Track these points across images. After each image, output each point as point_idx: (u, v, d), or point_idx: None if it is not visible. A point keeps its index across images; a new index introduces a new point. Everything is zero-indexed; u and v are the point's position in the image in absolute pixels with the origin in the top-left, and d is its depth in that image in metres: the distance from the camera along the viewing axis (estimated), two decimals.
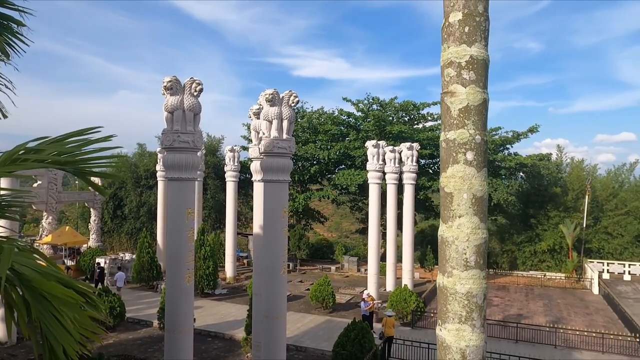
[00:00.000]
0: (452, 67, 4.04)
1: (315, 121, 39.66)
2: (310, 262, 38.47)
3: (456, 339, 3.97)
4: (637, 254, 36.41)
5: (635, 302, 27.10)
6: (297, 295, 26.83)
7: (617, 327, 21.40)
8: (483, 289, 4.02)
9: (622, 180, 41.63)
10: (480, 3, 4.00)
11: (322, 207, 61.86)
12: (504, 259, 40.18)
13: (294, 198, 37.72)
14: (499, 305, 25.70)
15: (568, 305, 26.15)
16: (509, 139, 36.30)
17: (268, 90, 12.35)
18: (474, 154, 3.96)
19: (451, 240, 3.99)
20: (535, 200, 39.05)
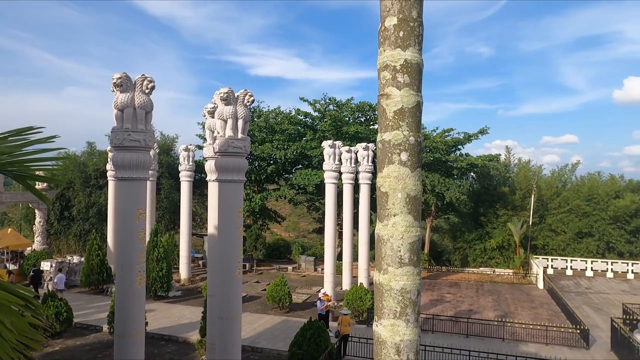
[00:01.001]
0: (387, 70, 4.17)
1: (272, 121, 39.50)
2: (267, 262, 38.27)
3: (391, 334, 4.09)
4: (578, 250, 38.46)
5: (576, 295, 28.60)
6: (254, 295, 26.63)
7: (560, 320, 22.50)
8: (417, 285, 4.17)
9: (564, 180, 43.86)
10: (414, 9, 4.13)
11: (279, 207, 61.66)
12: (456, 257, 41.48)
13: (250, 198, 37.42)
14: (451, 302, 26.45)
15: (515, 300, 27.26)
16: (461, 140, 37.43)
17: (223, 89, 12.20)
18: (408, 155, 4.10)
19: (386, 238, 4.12)
20: (486, 200, 40.53)
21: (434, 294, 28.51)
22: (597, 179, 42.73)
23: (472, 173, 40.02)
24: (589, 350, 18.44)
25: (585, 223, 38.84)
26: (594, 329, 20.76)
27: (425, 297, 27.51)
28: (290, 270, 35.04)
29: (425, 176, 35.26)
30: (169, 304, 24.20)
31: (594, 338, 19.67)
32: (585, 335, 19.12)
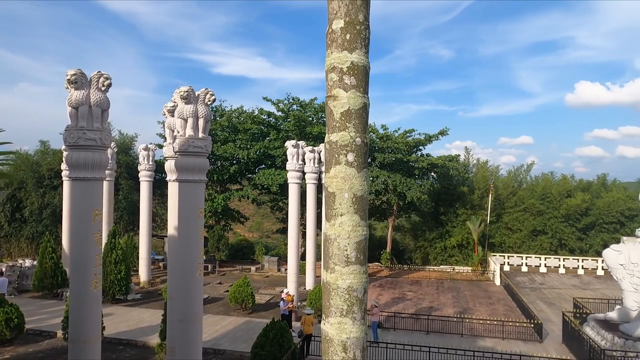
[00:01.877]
0: (335, 72, 4.23)
1: (234, 120, 39.09)
2: (230, 263, 37.85)
3: (338, 332, 4.17)
4: (532, 247, 39.95)
5: (531, 291, 29.69)
6: (216, 297, 26.29)
7: (516, 315, 23.31)
8: (363, 283, 4.26)
9: (520, 180, 45.49)
10: (361, 12, 4.21)
11: (242, 207, 61.03)
12: (418, 255, 42.28)
13: (212, 198, 36.91)
14: (412, 299, 26.93)
15: (474, 297, 28.04)
16: (422, 141, 38.15)
17: (183, 87, 11.99)
18: (355, 156, 4.18)
19: (333, 238, 4.18)
20: (446, 199, 41.52)
21: (395, 292, 28.95)
22: (550, 179, 44.53)
23: (433, 173, 40.89)
24: (542, 344, 19.18)
25: (539, 221, 40.38)
26: (547, 323, 21.59)
27: (388, 295, 27.90)
28: (254, 271, 34.80)
29: (388, 176, 35.76)
30: (127, 308, 23.56)
31: (547, 331, 20.46)
32: (538, 329, 19.87)
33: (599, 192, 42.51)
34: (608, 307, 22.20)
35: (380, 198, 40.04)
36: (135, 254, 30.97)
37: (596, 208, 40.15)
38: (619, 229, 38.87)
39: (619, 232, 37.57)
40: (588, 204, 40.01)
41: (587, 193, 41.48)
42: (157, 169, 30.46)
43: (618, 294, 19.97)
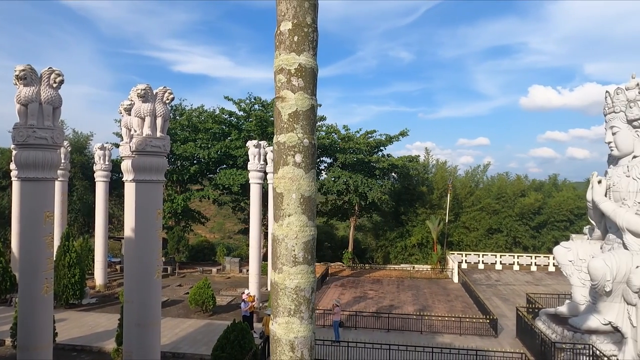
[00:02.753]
0: (282, 74, 4.28)
1: (195, 119, 38.44)
2: (191, 265, 37.20)
3: (286, 332, 4.21)
4: (489, 245, 41.25)
5: (487, 287, 30.63)
6: (176, 299, 25.78)
7: (473, 311, 23.99)
8: (311, 283, 4.32)
9: (477, 180, 46.89)
10: (308, 15, 4.26)
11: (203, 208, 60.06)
12: (379, 254, 42.84)
13: (172, 199, 36.18)
14: (373, 298, 27.27)
15: (433, 294, 28.67)
16: (383, 142, 38.66)
17: (140, 85, 11.70)
18: (302, 157, 4.23)
19: (281, 238, 4.22)
20: (406, 199, 42.27)
21: (357, 291, 29.24)
22: (505, 179, 46.13)
23: (394, 173, 41.52)
24: (497, 338, 19.83)
25: (495, 220, 41.74)
26: (502, 318, 22.33)
27: (349, 294, 28.14)
28: (215, 272, 34.33)
29: (349, 176, 36.07)
30: (82, 312, 22.77)
31: (502, 326, 21.16)
32: (494, 325, 20.54)
33: (550, 192, 44.37)
34: (558, 302, 23.16)
35: (342, 198, 40.32)
36: (90, 256, 29.97)
37: (548, 207, 41.85)
38: (569, 227, 40.68)
39: (569, 230, 39.33)
40: (540, 203, 41.67)
41: (539, 193, 43.22)
42: (113, 168, 29.53)
43: (568, 289, 20.86)
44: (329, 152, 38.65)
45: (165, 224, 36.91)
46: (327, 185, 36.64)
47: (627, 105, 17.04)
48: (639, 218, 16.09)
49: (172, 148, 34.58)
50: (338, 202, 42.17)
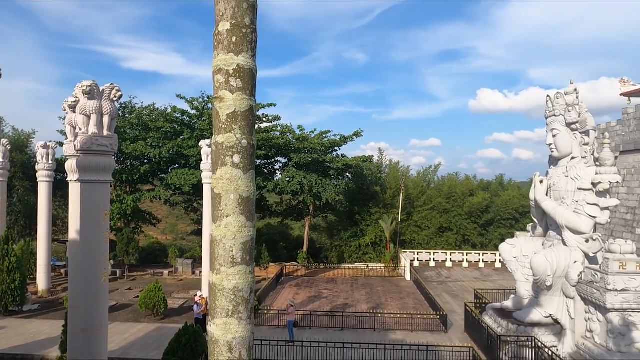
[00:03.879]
0: (221, 74, 4.28)
1: (146, 118, 37.35)
2: (141, 268, 36.12)
3: (223, 333, 4.22)
4: (440, 243, 42.42)
5: (438, 284, 31.51)
6: (125, 304, 24.96)
7: (424, 308, 24.62)
8: (249, 283, 4.36)
9: (429, 180, 48.15)
10: (247, 16, 4.29)
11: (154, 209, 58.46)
12: (334, 254, 43.17)
13: (121, 199, 35.00)
14: (328, 297, 27.44)
15: (386, 292, 29.19)
16: (337, 142, 38.99)
17: (85, 81, 11.25)
18: (241, 157, 4.26)
19: (219, 239, 4.23)
20: (360, 199, 42.80)
21: (312, 290, 29.33)
22: (455, 179, 47.62)
23: (348, 173, 41.97)
24: (447, 333, 20.45)
25: (445, 219, 42.99)
26: (452, 314, 23.04)
27: (304, 294, 28.19)
28: (167, 275, 33.50)
29: (304, 177, 36.13)
30: (23, 320, 21.63)
31: (451, 322, 21.83)
32: (444, 320, 21.17)
33: (497, 191, 46.19)
34: (504, 297, 24.13)
35: (297, 198, 40.36)
36: (33, 260, 28.51)
37: (495, 206, 43.54)
38: (515, 225, 42.47)
39: (514, 228, 41.04)
40: (488, 202, 43.29)
41: (487, 192, 44.89)
42: (57, 168, 28.22)
43: (513, 285, 21.76)
44: (283, 152, 38.58)
45: (114, 225, 35.66)
46: (282, 185, 36.56)
47: (566, 109, 17.98)
48: (577, 216, 17.02)
49: (121, 147, 33.47)
50: (293, 202, 42.17)
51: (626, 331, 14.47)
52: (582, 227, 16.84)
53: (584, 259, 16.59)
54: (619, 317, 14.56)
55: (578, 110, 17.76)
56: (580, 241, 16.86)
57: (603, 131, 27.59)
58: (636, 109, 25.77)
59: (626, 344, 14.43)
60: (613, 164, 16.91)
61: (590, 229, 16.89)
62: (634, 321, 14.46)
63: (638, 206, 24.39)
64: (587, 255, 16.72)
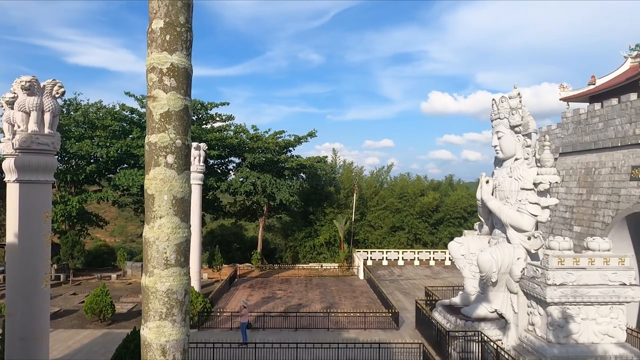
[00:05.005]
0: (154, 73, 4.23)
1: (92, 115, 35.87)
2: (87, 272, 34.70)
3: (157, 336, 4.17)
4: (392, 242, 43.25)
5: (390, 283, 32.12)
6: (70, 309, 23.91)
7: (376, 306, 25.03)
8: (184, 285, 4.33)
9: (381, 180, 48.98)
10: (182, 14, 4.25)
11: (102, 210, 56.31)
12: (288, 254, 43.12)
13: (66, 201, 33.43)
14: (282, 298, 27.37)
15: (340, 291, 29.45)
16: (292, 142, 38.97)
17: (24, 77, 10.67)
18: (175, 158, 4.23)
19: (152, 241, 4.18)
20: (314, 199, 42.99)
21: (266, 291, 29.17)
22: (407, 179, 48.70)
23: (302, 174, 42.04)
24: (399, 331, 20.89)
25: (397, 218, 43.88)
26: (403, 312, 23.56)
27: (258, 295, 27.99)
28: (115, 279, 32.36)
29: (257, 177, 35.88)
30: None
31: (403, 319, 22.31)
32: (396, 318, 21.60)
33: (447, 191, 47.61)
34: (453, 294, 24.92)
35: (251, 199, 40.01)
36: None
37: (445, 205, 44.86)
38: (463, 223, 43.93)
39: (462, 226, 42.45)
40: (438, 201, 44.54)
41: (437, 192, 46.17)
42: None
43: (461, 281, 22.50)
44: (237, 152, 38.15)
45: (57, 228, 34.05)
46: (235, 185, 36.13)
47: (510, 112, 18.80)
48: (520, 214, 17.82)
49: (65, 146, 32.04)
50: (247, 202, 41.78)
51: (564, 323, 15.29)
52: (525, 225, 17.65)
53: (526, 255, 17.39)
54: (557, 311, 15.36)
55: (521, 114, 18.60)
56: (523, 239, 17.67)
57: (544, 134, 29.01)
58: (574, 113, 27.28)
59: (564, 335, 15.25)
60: (553, 165, 17.82)
61: (532, 227, 17.72)
62: (571, 314, 15.31)
63: (576, 205, 25.83)
64: (529, 252, 17.54)
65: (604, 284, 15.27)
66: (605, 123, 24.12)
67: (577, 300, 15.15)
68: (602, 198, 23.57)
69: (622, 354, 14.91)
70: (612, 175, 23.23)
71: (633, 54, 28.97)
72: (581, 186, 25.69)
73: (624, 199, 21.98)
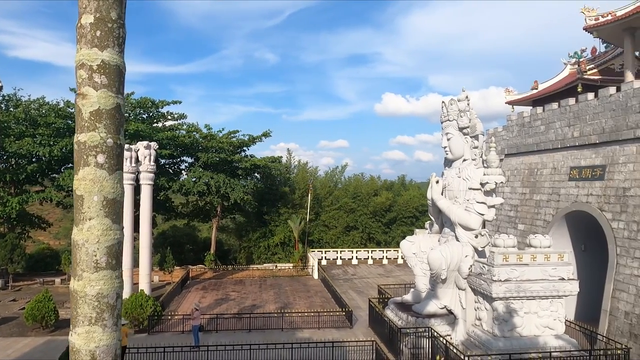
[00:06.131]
0: (84, 69, 4.13)
1: (34, 112, 34.14)
2: (29, 277, 33.03)
3: (86, 342, 4.08)
4: (346, 242, 43.72)
5: (344, 282, 32.45)
6: (8, 316, 22.66)
7: (331, 305, 25.20)
8: (115, 288, 4.25)
9: (336, 181, 49.43)
10: (113, 10, 4.16)
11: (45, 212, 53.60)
12: (242, 255, 42.73)
13: (4, 202, 31.67)
14: (235, 299, 27.07)
15: (294, 291, 29.46)
16: (246, 142, 38.65)
17: None
18: (106, 157, 4.15)
19: (81, 243, 4.09)
20: (269, 199, 42.81)
21: (219, 293, 28.76)
22: (361, 179, 49.36)
23: (257, 174, 41.77)
24: (352, 329, 21.14)
25: (351, 218, 44.40)
26: (357, 310, 23.86)
27: (211, 297, 27.56)
28: (59, 283, 30.94)
29: (211, 177, 35.31)
30: None
31: (356, 317, 22.60)
32: (349, 316, 21.85)
33: (399, 191, 48.61)
34: (405, 291, 25.42)
35: (204, 199, 39.35)
36: None
37: (397, 205, 45.78)
38: (415, 222, 44.98)
39: (414, 225, 43.45)
40: (391, 201, 45.41)
41: (390, 192, 47.08)
42: None
43: (413, 279, 22.98)
44: (189, 152, 37.40)
45: None
46: (188, 186, 35.43)
47: (458, 114, 19.42)
48: (467, 213, 18.45)
49: (3, 144, 30.40)
50: (200, 203, 41.04)
51: (509, 318, 15.97)
52: (472, 223, 18.29)
53: (474, 253, 18.03)
54: (502, 305, 16.02)
55: (469, 116, 19.26)
56: (471, 237, 18.31)
57: (491, 136, 30.17)
58: (518, 116, 28.54)
59: (509, 329, 15.93)
60: (498, 166, 18.56)
61: (479, 225, 18.39)
62: (515, 308, 16.01)
63: (520, 204, 27.03)
64: (477, 249, 18.19)
65: (545, 279, 16.06)
66: (546, 126, 25.39)
67: (521, 295, 15.85)
68: (544, 197, 24.79)
69: (560, 345, 15.74)
70: (552, 176, 24.48)
71: (572, 61, 30.65)
72: (525, 186, 26.92)
73: (563, 198, 23.21)
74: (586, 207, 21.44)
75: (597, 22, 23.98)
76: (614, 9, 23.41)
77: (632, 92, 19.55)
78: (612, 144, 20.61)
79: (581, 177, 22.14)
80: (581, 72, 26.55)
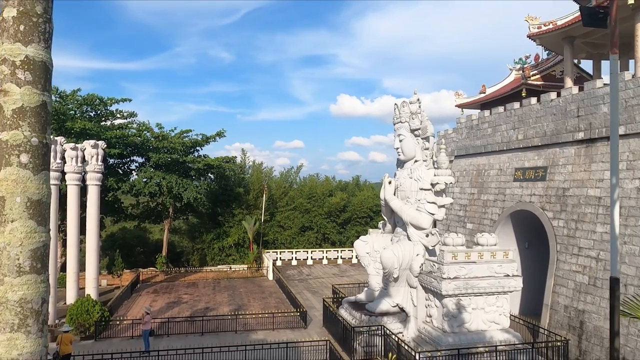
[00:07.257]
0: (6, 65, 4.00)
1: None
2: None
3: (7, 349, 3.95)
4: (301, 242, 43.76)
5: (299, 282, 32.48)
6: None
7: (285, 306, 25.16)
8: (41, 293, 4.12)
9: (291, 181, 49.37)
10: (38, 4, 4.06)
11: None
12: (195, 257, 41.90)
13: None
14: (188, 302, 26.53)
15: (249, 293, 29.20)
16: (199, 142, 37.96)
17: None
18: (30, 157, 4.03)
19: (3, 247, 3.95)
20: (223, 200, 42.23)
21: (171, 296, 28.10)
22: (316, 180, 49.54)
23: (210, 174, 41.10)
24: (307, 329, 21.20)
25: (307, 218, 44.49)
26: (311, 310, 23.95)
27: (162, 300, 26.88)
28: None
29: (163, 177, 34.45)
30: None
31: (311, 318, 22.68)
32: (304, 317, 21.90)
33: (354, 191, 49.15)
34: (359, 290, 25.75)
35: (156, 200, 38.33)
36: None
37: (352, 205, 46.28)
38: (369, 222, 45.61)
39: (369, 225, 44.04)
40: (345, 201, 45.86)
41: (345, 192, 47.52)
42: None
43: (367, 279, 23.32)
44: (140, 151, 36.33)
45: None
46: (138, 186, 34.41)
47: (410, 116, 19.90)
48: (418, 213, 18.92)
49: None
50: (151, 204, 39.92)
51: (457, 314, 16.51)
52: (423, 223, 18.77)
53: (424, 251, 18.50)
54: (452, 302, 16.54)
55: (420, 118, 19.77)
56: (422, 236, 18.78)
57: (441, 137, 31.05)
58: (467, 119, 29.57)
59: (458, 325, 16.46)
60: (448, 167, 19.14)
61: (429, 224, 18.90)
62: (463, 304, 16.57)
63: (468, 204, 28.00)
64: (428, 248, 18.69)
65: (491, 276, 16.71)
66: (493, 129, 26.43)
67: (469, 291, 16.42)
68: (491, 197, 25.80)
69: (506, 338, 16.43)
70: (498, 177, 25.52)
71: (517, 67, 32.05)
72: (473, 186, 27.91)
73: (508, 197, 24.24)
74: (529, 207, 22.48)
75: (540, 31, 25.21)
76: (555, 18, 24.68)
77: (571, 97, 20.70)
78: (552, 147, 21.73)
79: (525, 178, 23.20)
80: (525, 77, 27.80)
